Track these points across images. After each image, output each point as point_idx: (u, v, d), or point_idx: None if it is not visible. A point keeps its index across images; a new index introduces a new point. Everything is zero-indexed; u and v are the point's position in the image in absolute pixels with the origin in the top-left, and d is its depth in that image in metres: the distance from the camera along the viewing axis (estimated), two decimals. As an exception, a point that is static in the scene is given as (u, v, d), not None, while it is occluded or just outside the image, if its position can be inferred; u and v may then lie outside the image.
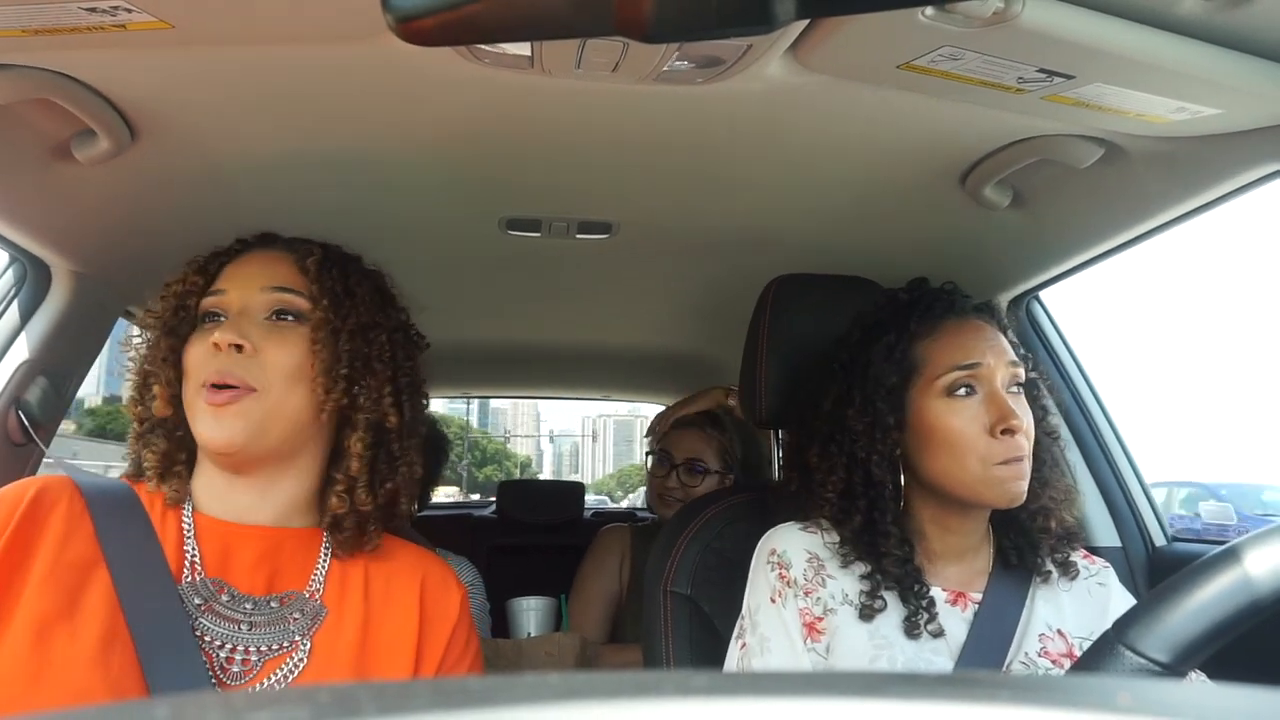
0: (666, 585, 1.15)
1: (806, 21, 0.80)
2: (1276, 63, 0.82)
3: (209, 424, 0.81)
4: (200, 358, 0.84)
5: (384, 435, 0.89)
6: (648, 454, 2.03)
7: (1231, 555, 0.61)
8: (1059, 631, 0.94)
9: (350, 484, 0.87)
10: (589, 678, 0.19)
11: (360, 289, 0.91)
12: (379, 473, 0.89)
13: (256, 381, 0.83)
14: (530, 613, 1.79)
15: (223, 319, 0.86)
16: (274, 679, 0.79)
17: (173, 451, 0.87)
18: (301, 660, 0.80)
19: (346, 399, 0.86)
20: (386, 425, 0.89)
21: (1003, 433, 0.90)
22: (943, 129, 1.05)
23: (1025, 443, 0.91)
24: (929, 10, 0.74)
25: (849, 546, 0.96)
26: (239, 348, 0.82)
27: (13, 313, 1.29)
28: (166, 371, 0.86)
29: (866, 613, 0.92)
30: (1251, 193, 1.03)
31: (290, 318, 0.87)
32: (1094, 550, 1.03)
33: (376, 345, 0.89)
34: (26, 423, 1.25)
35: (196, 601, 0.79)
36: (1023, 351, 0.99)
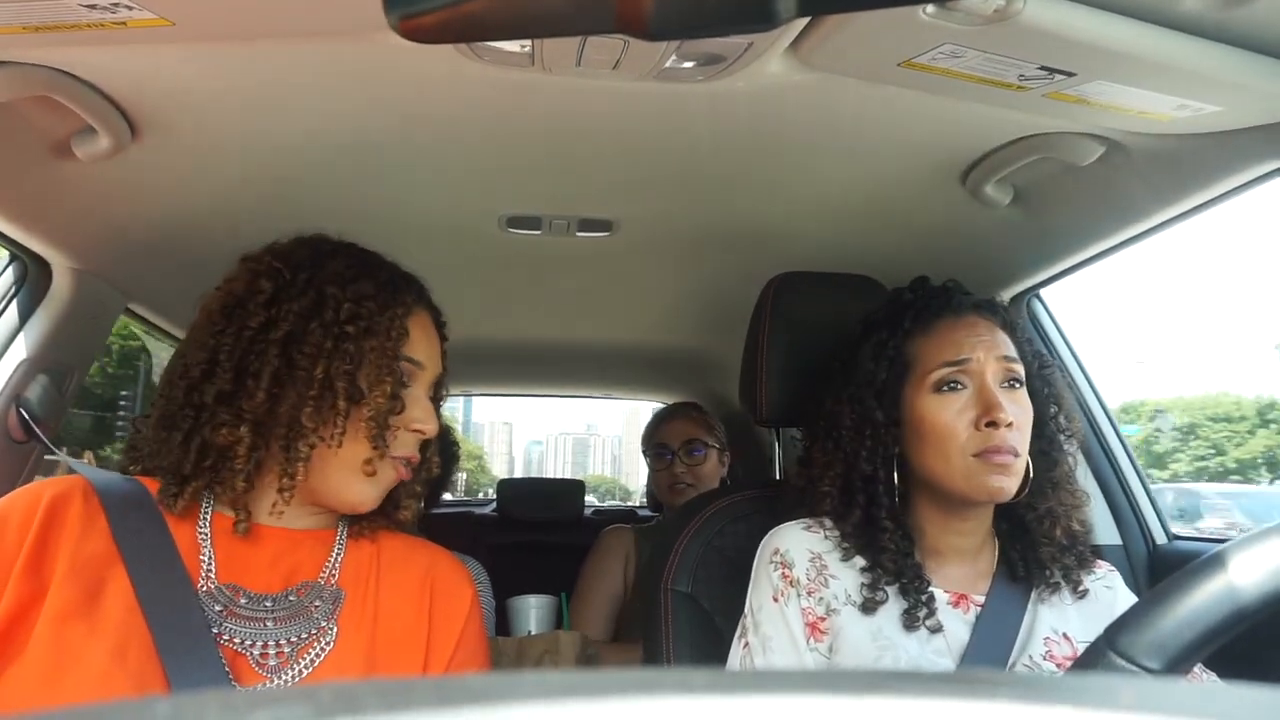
0: (667, 583, 1.15)
1: (807, 19, 0.80)
2: (1277, 60, 0.82)
3: (367, 490, 0.85)
4: (403, 428, 0.87)
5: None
6: (646, 455, 2.05)
7: (1222, 559, 0.60)
8: (1065, 635, 0.94)
9: (413, 490, 0.93)
10: (590, 676, 0.19)
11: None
12: None
13: None
14: (531, 611, 1.79)
15: (407, 388, 0.88)
16: (304, 662, 0.80)
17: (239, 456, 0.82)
18: (329, 643, 0.82)
19: None
20: None
21: (987, 425, 0.90)
22: (943, 127, 1.05)
23: (1012, 436, 0.90)
24: (930, 8, 0.74)
25: (850, 541, 0.96)
26: None
27: (13, 310, 1.29)
28: (379, 417, 0.83)
29: (868, 605, 0.92)
30: (1251, 190, 1.03)
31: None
32: (1095, 549, 1.02)
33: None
34: (28, 420, 1.26)
35: (216, 608, 0.79)
36: (1032, 348, 0.99)
